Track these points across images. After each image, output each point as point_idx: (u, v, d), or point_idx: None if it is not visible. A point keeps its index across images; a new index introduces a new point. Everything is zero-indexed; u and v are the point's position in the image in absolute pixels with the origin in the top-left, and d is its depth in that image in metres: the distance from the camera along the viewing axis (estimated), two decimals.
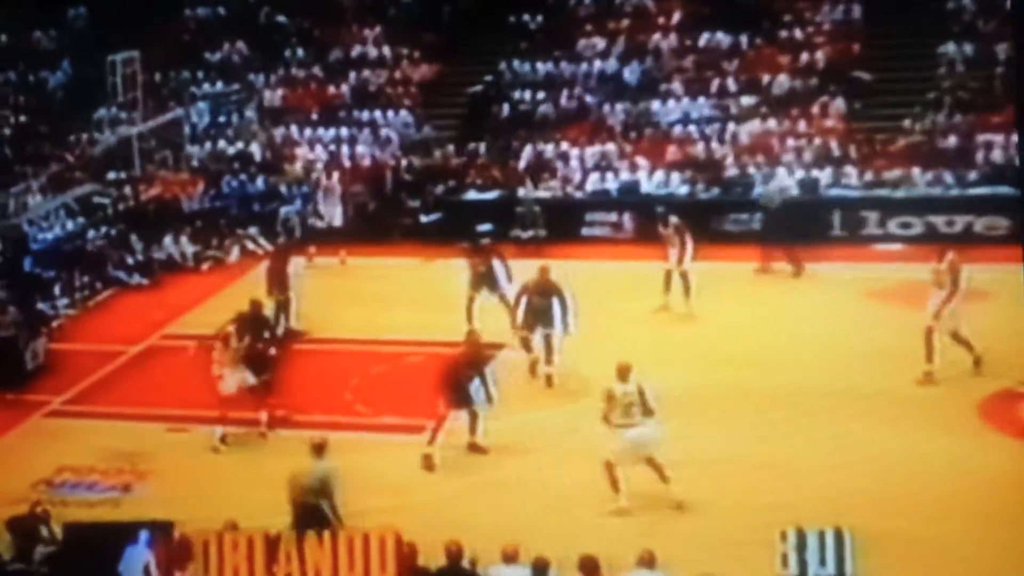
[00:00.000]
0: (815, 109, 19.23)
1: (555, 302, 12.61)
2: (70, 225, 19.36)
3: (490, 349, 12.13)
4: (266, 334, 12.53)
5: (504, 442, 11.44)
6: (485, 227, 18.31)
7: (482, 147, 20.23)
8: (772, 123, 19.16)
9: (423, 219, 18.96)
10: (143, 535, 8.63)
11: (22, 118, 22.80)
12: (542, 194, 18.62)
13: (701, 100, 19.92)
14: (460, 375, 11.31)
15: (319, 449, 9.80)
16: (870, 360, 12.59)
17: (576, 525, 9.82)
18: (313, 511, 9.37)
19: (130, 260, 18.03)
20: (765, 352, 13.20)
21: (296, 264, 15.19)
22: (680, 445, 10.78)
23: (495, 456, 11.30)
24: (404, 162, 20.12)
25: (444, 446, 11.32)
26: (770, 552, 8.04)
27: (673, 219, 14.83)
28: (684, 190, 18.50)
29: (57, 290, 16.87)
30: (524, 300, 12.76)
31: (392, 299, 15.81)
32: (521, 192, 18.72)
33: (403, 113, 21.29)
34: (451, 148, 20.29)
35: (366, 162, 20.46)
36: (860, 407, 11.72)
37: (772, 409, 11.86)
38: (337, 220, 18.11)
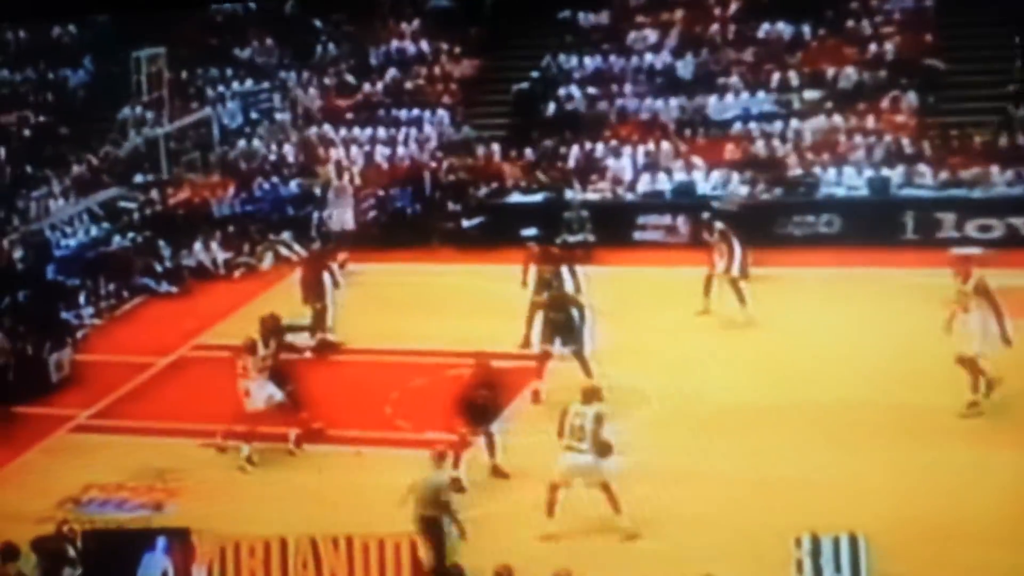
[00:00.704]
0: (885, 104, 19.02)
1: (574, 314, 12.50)
2: (94, 231, 19.58)
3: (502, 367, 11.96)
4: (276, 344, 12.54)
5: (534, 464, 11.26)
6: (530, 232, 18.27)
7: (527, 147, 20.24)
8: (838, 119, 18.97)
9: (464, 223, 18.97)
10: (160, 542, 8.86)
11: (42, 118, 23.14)
12: (591, 196, 18.57)
13: (761, 95, 19.76)
14: (473, 396, 11.33)
15: (440, 458, 9.82)
16: (943, 374, 12.39)
17: (607, 552, 9.77)
18: (430, 523, 9.39)
19: (158, 267, 18.18)
20: (828, 363, 13.04)
21: (334, 271, 15.21)
22: (729, 462, 10.67)
23: (528, 479, 11.16)
24: (444, 163, 20.16)
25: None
26: None
27: (718, 225, 14.81)
28: (744, 191, 18.36)
29: (82, 299, 17.05)
30: (539, 316, 12.64)
31: (432, 308, 15.81)
32: (568, 194, 18.67)
33: (443, 112, 21.36)
34: (494, 148, 20.29)
35: (404, 163, 20.55)
36: (926, 425, 11.52)
37: (832, 426, 11.67)
38: (349, 224, 18.19)
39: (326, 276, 14.79)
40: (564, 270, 14.23)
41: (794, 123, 19.18)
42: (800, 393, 12.27)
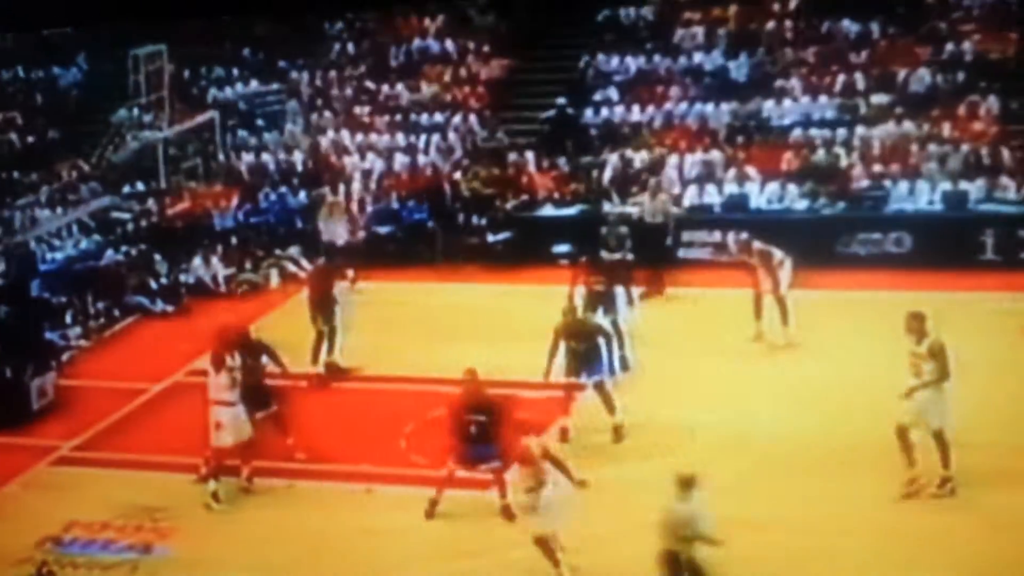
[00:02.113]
0: (962, 109, 18.90)
1: (600, 343, 12.39)
2: (84, 243, 19.79)
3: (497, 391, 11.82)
4: (264, 360, 12.52)
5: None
6: (563, 248, 18.34)
7: (560, 155, 20.24)
8: (909, 126, 18.86)
9: (491, 238, 19.00)
10: None
11: (31, 121, 23.46)
12: (631, 210, 18.50)
13: (823, 99, 19.72)
14: (464, 424, 11.21)
15: (687, 484, 9.08)
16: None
17: None
18: (686, 563, 9.03)
19: (153, 284, 18.30)
20: (886, 396, 12.84)
21: (341, 289, 15.23)
22: (784, 507, 10.54)
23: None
24: (469, 172, 20.20)
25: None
26: None
27: (757, 245, 14.78)
28: (803, 205, 18.26)
29: (69, 318, 17.18)
30: (562, 347, 12.51)
31: (453, 331, 15.78)
32: (606, 207, 18.63)
33: (469, 116, 21.43)
34: (524, 156, 20.32)
35: (424, 172, 20.62)
36: (1006, 465, 11.31)
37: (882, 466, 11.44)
38: (341, 239, 18.25)
39: (335, 293, 14.82)
40: (618, 291, 14.34)
41: (860, 130, 19.09)
42: (869, 433, 12.05)
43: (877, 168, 18.45)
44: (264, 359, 12.63)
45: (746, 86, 20.41)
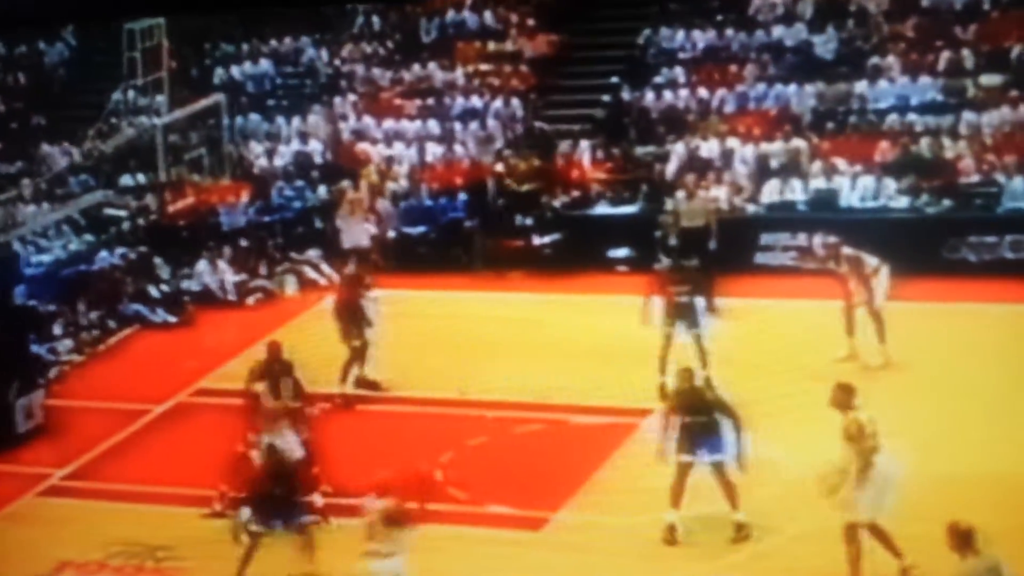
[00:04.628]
0: None
1: (720, 420, 11.97)
2: (75, 244, 19.98)
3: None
4: (292, 383, 12.71)
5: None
6: (620, 252, 18.38)
7: (617, 145, 20.28)
8: None
9: (536, 240, 19.06)
10: None
11: (12, 104, 23.74)
12: (669, 209, 18.50)
13: (925, 80, 19.64)
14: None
15: (965, 540, 8.65)
16: None
17: None
18: None
19: (153, 291, 18.48)
20: (1016, 429, 12.78)
21: (373, 301, 15.33)
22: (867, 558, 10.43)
23: None
24: (512, 165, 20.25)
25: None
26: None
27: (846, 250, 14.70)
28: (902, 203, 18.21)
29: (58, 329, 17.37)
30: (676, 422, 12.02)
31: (496, 347, 15.89)
32: (669, 205, 18.65)
33: (511, 100, 21.51)
34: (576, 147, 20.37)
35: (461, 164, 20.72)
36: None
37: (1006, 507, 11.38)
38: (364, 240, 18.37)
39: (365, 304, 14.90)
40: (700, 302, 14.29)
41: (968, 116, 19.01)
42: (984, 470, 12.00)
43: (988, 160, 18.36)
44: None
45: (834, 65, 20.36)
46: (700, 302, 14.40)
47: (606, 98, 21.19)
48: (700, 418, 11.49)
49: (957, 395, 13.68)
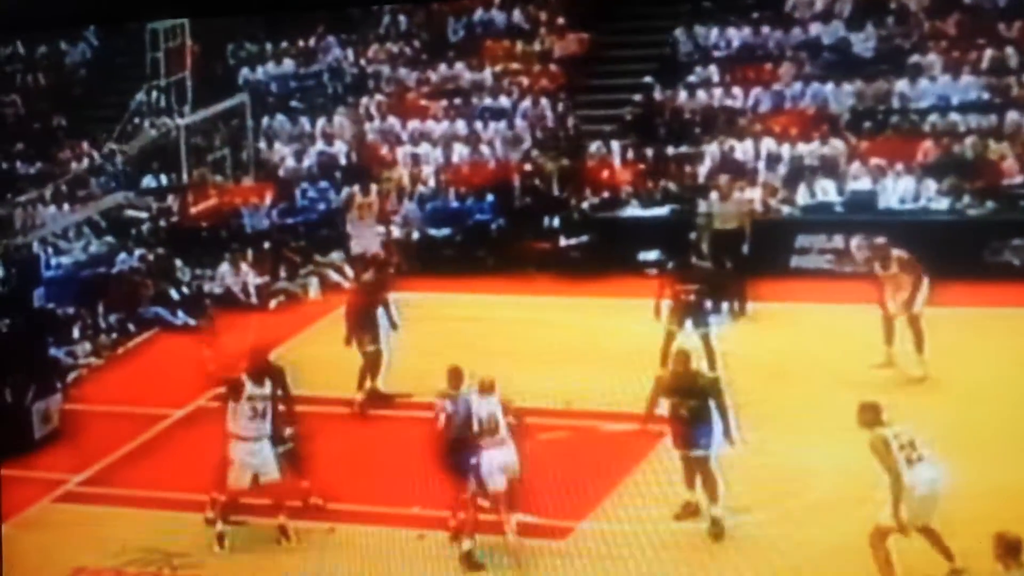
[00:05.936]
0: None
1: (711, 407, 12.09)
2: (95, 246, 20.06)
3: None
4: (279, 390, 12.73)
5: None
6: (650, 255, 18.28)
7: (648, 146, 20.23)
8: None
9: (564, 242, 19.02)
10: None
11: (32, 105, 23.85)
12: (733, 209, 18.47)
13: (967, 78, 19.48)
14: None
15: (1013, 550, 9.09)
16: None
17: None
18: None
19: (174, 293, 18.58)
20: None
21: (391, 307, 15.32)
22: None
23: None
24: (540, 165, 20.25)
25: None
26: None
27: (897, 253, 14.60)
28: (943, 205, 18.10)
29: (76, 332, 17.46)
30: (667, 406, 12.27)
31: (520, 352, 15.84)
32: (702, 207, 18.59)
33: (540, 100, 21.48)
34: (606, 147, 20.33)
35: (488, 165, 20.70)
36: None
37: None
38: (374, 246, 18.36)
39: (380, 312, 14.93)
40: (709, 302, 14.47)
41: (1012, 115, 18.83)
42: (991, 479, 11.89)
43: None
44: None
45: (873, 63, 20.17)
46: (709, 302, 14.54)
47: (637, 97, 21.12)
48: (691, 402, 11.57)
49: (1000, 402, 13.53)
